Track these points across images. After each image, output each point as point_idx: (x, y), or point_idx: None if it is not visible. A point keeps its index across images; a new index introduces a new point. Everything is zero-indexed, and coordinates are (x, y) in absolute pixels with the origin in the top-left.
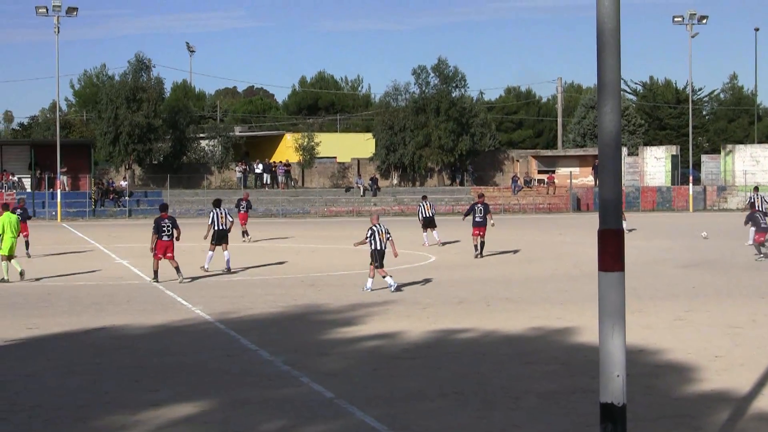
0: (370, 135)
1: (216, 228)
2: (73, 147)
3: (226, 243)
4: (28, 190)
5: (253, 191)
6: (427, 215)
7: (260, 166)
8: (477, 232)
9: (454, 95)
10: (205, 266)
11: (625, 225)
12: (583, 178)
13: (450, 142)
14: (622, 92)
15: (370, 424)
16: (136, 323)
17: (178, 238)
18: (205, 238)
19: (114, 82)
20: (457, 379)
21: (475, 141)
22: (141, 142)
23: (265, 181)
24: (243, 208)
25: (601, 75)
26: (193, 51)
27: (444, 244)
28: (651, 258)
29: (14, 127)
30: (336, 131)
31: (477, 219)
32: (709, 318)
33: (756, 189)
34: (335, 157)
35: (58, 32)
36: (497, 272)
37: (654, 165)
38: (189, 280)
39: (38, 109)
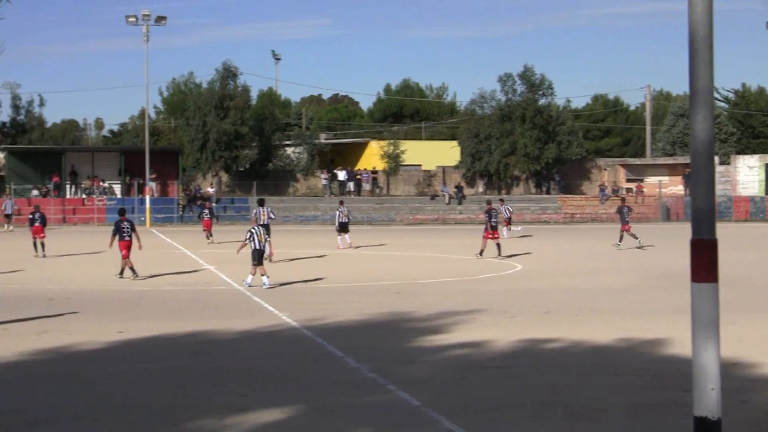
0: (455, 143)
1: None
2: (162, 154)
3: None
4: (118, 195)
5: (338, 199)
6: (344, 221)
7: (343, 173)
8: (492, 235)
9: (540, 103)
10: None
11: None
12: (673, 187)
13: (536, 150)
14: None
15: None
16: (224, 328)
17: (140, 247)
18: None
19: (202, 90)
20: (543, 390)
21: (561, 149)
22: (228, 149)
23: (348, 189)
24: (206, 215)
25: (693, 83)
26: (278, 59)
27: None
28: (742, 269)
29: (105, 134)
30: (421, 139)
31: (493, 223)
32: None
33: None
34: (420, 165)
35: (148, 41)
36: (584, 282)
37: (747, 174)
38: (143, 277)
39: (128, 116)
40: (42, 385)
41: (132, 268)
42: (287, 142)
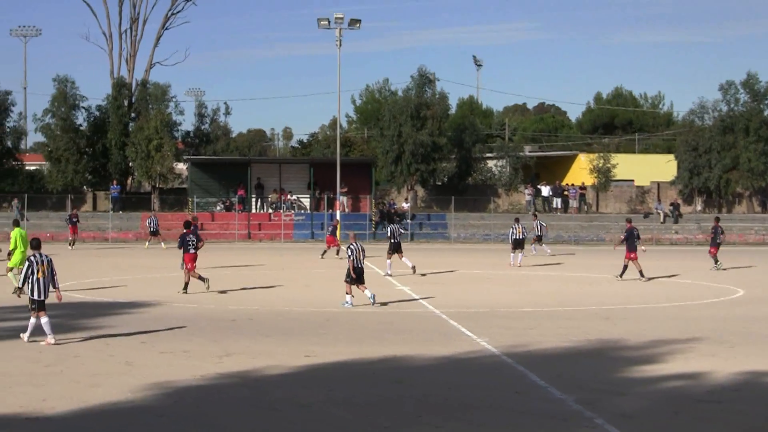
0: (671, 156)
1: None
2: (354, 166)
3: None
4: (307, 210)
5: (541, 216)
6: (518, 237)
7: (548, 188)
8: (632, 256)
9: (766, 113)
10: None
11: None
12: None
13: (761, 165)
14: None
15: None
16: (418, 354)
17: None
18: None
19: (397, 98)
20: (766, 427)
21: None
22: (424, 161)
23: (554, 205)
24: (330, 231)
25: None
26: (480, 65)
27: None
28: None
29: (293, 144)
30: (634, 152)
31: (636, 243)
32: None
33: None
34: (633, 180)
35: (340, 45)
36: None
37: None
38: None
39: (318, 125)
40: (222, 412)
41: (187, 283)
42: (488, 155)
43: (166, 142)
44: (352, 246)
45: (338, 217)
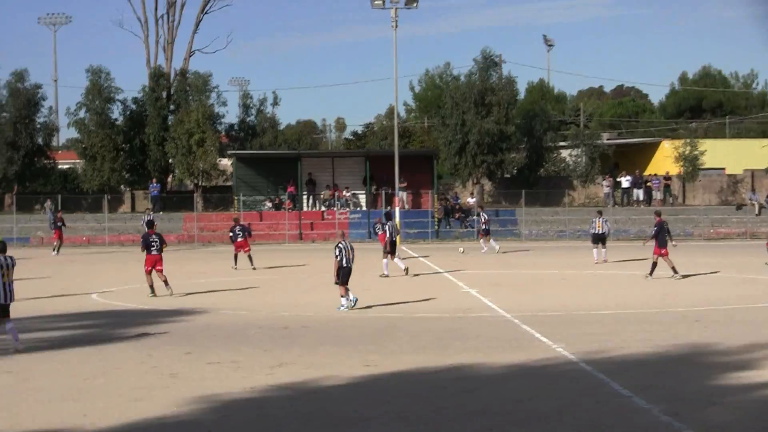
0: (766, 141)
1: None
2: (414, 158)
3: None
4: (363, 207)
5: (622, 209)
6: (598, 232)
7: (628, 179)
8: (663, 252)
9: None
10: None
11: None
12: None
13: None
14: None
15: None
16: (487, 362)
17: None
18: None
19: (459, 84)
20: None
21: None
22: (491, 152)
23: (636, 197)
24: (379, 229)
25: None
26: (551, 45)
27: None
28: None
29: (347, 136)
30: (725, 137)
31: (667, 238)
32: None
33: None
34: (723, 169)
35: (396, 27)
36: None
37: None
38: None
39: (374, 115)
40: (274, 427)
41: (151, 286)
42: (562, 144)
43: (209, 137)
44: (341, 245)
45: (383, 214)
